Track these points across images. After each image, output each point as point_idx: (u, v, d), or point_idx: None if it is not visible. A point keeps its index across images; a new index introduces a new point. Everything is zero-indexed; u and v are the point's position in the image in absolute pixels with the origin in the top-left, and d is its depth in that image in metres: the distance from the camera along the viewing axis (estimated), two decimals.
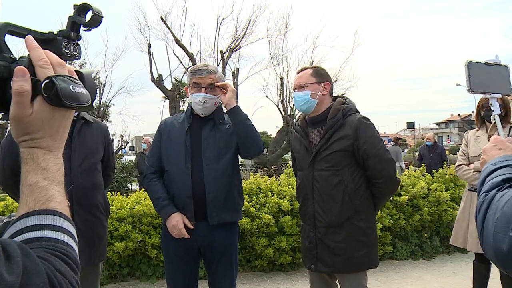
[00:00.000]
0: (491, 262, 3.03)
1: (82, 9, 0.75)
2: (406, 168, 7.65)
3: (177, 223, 2.24)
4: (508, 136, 3.00)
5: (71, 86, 0.63)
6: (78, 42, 0.77)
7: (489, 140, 3.80)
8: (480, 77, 1.48)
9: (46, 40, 0.72)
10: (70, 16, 0.75)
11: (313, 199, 2.31)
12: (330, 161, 2.26)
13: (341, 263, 2.25)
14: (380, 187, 2.28)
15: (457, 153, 3.50)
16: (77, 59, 0.79)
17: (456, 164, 3.35)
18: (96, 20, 0.76)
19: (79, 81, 0.66)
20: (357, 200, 2.24)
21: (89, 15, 0.76)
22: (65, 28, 0.75)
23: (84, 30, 0.77)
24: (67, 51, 0.74)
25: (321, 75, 2.37)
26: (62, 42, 0.74)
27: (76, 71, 0.70)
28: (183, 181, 2.27)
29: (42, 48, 0.66)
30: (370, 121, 2.30)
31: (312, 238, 2.32)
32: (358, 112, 2.34)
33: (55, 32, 0.74)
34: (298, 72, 2.43)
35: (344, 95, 2.47)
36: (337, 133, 2.26)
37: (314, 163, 2.31)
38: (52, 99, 0.62)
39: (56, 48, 0.72)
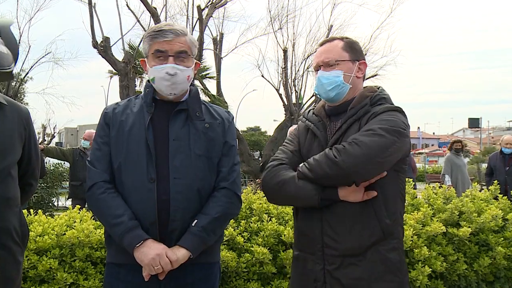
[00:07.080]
0: None
1: None
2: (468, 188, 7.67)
3: (158, 256, 2.19)
4: None
5: None
6: None
7: None
8: None
9: None
10: None
11: (321, 216, 2.33)
12: None
13: None
14: None
15: None
16: None
17: None
18: None
19: None
20: (387, 219, 2.27)
21: None
22: None
23: None
24: None
25: (355, 51, 2.48)
26: None
27: None
28: (143, 200, 2.27)
29: None
30: (403, 113, 2.36)
31: (319, 274, 2.34)
32: (393, 105, 2.42)
33: None
34: (322, 44, 2.52)
35: (377, 86, 2.55)
36: (357, 124, 2.34)
37: None
38: None
39: None
